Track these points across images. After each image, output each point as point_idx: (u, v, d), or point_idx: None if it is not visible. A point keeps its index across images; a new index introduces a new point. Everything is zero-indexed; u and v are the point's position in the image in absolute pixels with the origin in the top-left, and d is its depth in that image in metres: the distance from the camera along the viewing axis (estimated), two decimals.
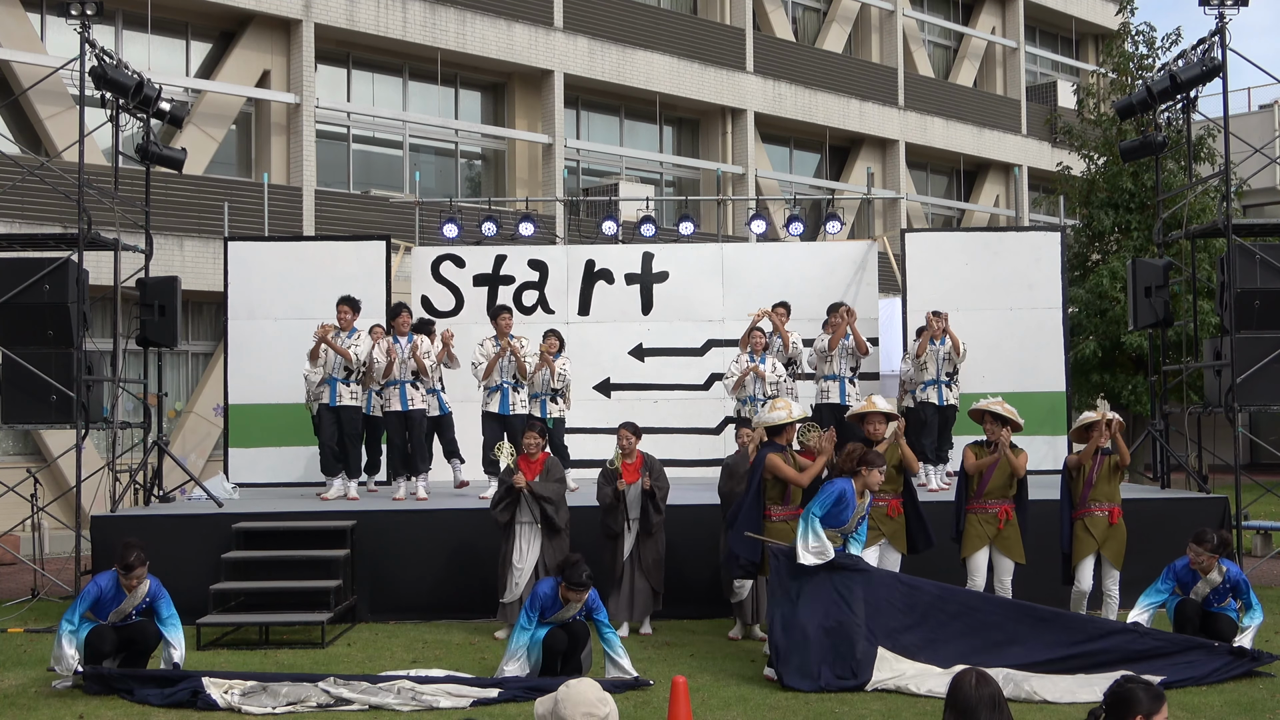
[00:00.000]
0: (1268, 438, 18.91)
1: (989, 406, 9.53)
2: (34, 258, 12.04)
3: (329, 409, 12.12)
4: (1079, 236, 21.70)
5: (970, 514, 9.42)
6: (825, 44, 28.51)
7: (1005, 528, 9.36)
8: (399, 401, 12.09)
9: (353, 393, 12.17)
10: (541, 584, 8.58)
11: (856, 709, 7.63)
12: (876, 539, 9.12)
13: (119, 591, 8.38)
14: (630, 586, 9.92)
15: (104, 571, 8.63)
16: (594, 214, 20.23)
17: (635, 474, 9.93)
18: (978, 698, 3.86)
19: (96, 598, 8.35)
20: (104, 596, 8.36)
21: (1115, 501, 9.51)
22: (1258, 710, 7.60)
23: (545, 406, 12.25)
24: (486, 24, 22.15)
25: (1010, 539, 9.37)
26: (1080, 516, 9.52)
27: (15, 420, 11.91)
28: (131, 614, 8.47)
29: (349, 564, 10.67)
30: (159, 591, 8.54)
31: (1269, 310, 11.96)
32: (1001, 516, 9.35)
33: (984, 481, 9.36)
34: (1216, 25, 12.15)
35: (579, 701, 4.01)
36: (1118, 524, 9.48)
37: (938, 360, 12.28)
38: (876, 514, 9.11)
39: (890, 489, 9.18)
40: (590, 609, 8.42)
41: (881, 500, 9.14)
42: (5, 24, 17.76)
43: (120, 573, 8.33)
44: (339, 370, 12.08)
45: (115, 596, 8.38)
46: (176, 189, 18.24)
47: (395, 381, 12.09)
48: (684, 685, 6.49)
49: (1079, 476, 9.55)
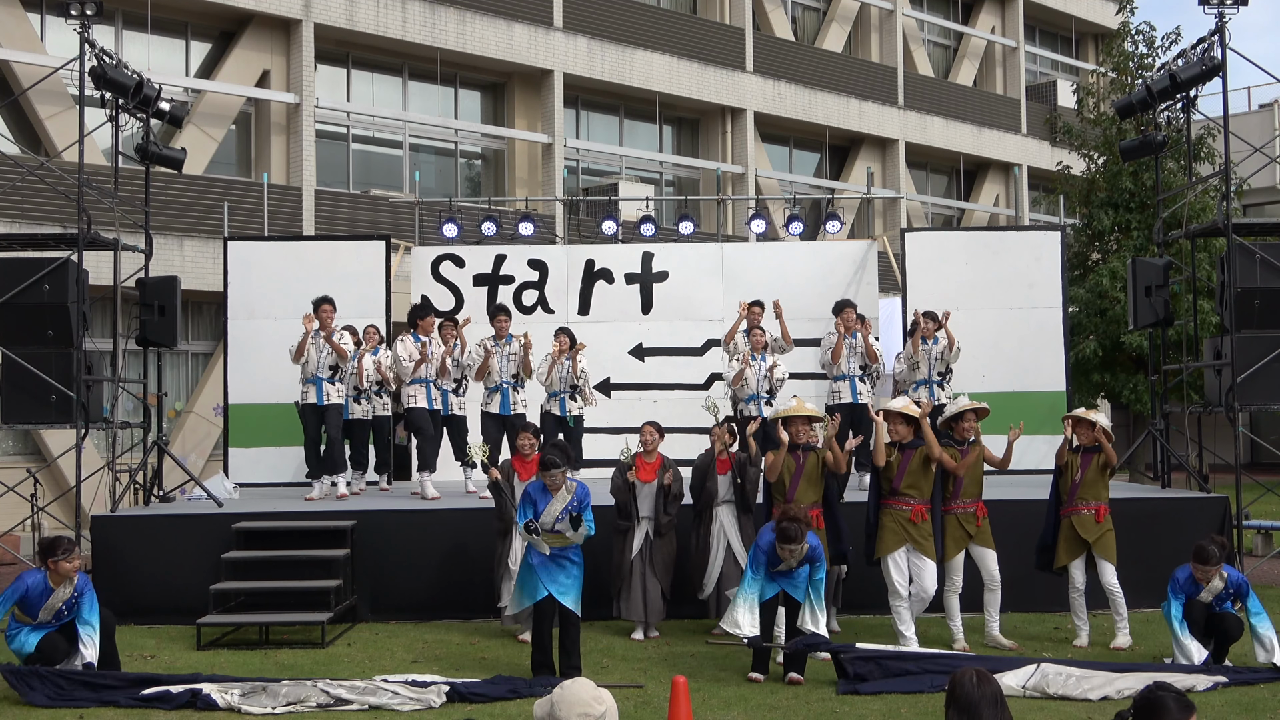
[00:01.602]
0: (1268, 437, 18.91)
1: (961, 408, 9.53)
2: (34, 258, 12.03)
3: (314, 408, 12.13)
4: (1079, 236, 21.71)
5: (947, 515, 9.39)
6: (825, 44, 28.50)
7: (982, 524, 9.40)
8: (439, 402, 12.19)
9: (339, 392, 12.23)
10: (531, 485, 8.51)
11: (857, 709, 7.63)
12: (900, 543, 9.10)
13: (47, 586, 8.26)
14: (643, 587, 9.85)
15: (30, 570, 8.53)
16: (594, 214, 20.22)
17: (652, 473, 9.90)
18: (980, 695, 3.86)
19: (23, 594, 8.21)
20: (31, 593, 8.22)
21: (1103, 500, 9.54)
22: (1258, 710, 7.60)
23: (565, 404, 12.31)
24: (486, 24, 22.15)
25: (985, 532, 9.43)
26: (1068, 515, 9.56)
27: (15, 420, 11.90)
28: (62, 609, 8.32)
29: (349, 564, 10.66)
30: (86, 586, 8.43)
31: (1269, 310, 11.95)
32: (980, 514, 9.39)
33: (958, 483, 9.36)
34: (1216, 25, 12.14)
35: (574, 702, 4.01)
36: (1104, 522, 9.49)
37: (929, 360, 12.28)
38: (899, 518, 9.11)
39: (916, 493, 9.16)
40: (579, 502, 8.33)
41: (905, 505, 9.14)
42: (5, 24, 17.76)
43: (50, 565, 8.23)
44: (324, 369, 12.11)
45: (44, 592, 8.25)
46: (176, 189, 18.23)
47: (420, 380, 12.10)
48: (684, 685, 6.48)
49: (1067, 473, 9.58)
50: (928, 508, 9.17)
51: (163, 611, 10.52)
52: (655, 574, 9.87)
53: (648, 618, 9.86)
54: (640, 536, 9.90)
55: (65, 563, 8.24)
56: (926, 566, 9.11)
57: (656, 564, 9.88)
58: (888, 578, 9.10)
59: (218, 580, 10.34)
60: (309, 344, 12.02)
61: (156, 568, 10.70)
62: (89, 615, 8.41)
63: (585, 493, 8.43)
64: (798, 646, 8.35)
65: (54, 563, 8.23)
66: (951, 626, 9.39)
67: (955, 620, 9.38)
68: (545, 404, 12.39)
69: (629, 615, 9.84)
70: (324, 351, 12.06)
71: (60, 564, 8.23)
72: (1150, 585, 9.82)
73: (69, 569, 8.26)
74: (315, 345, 12.04)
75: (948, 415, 9.64)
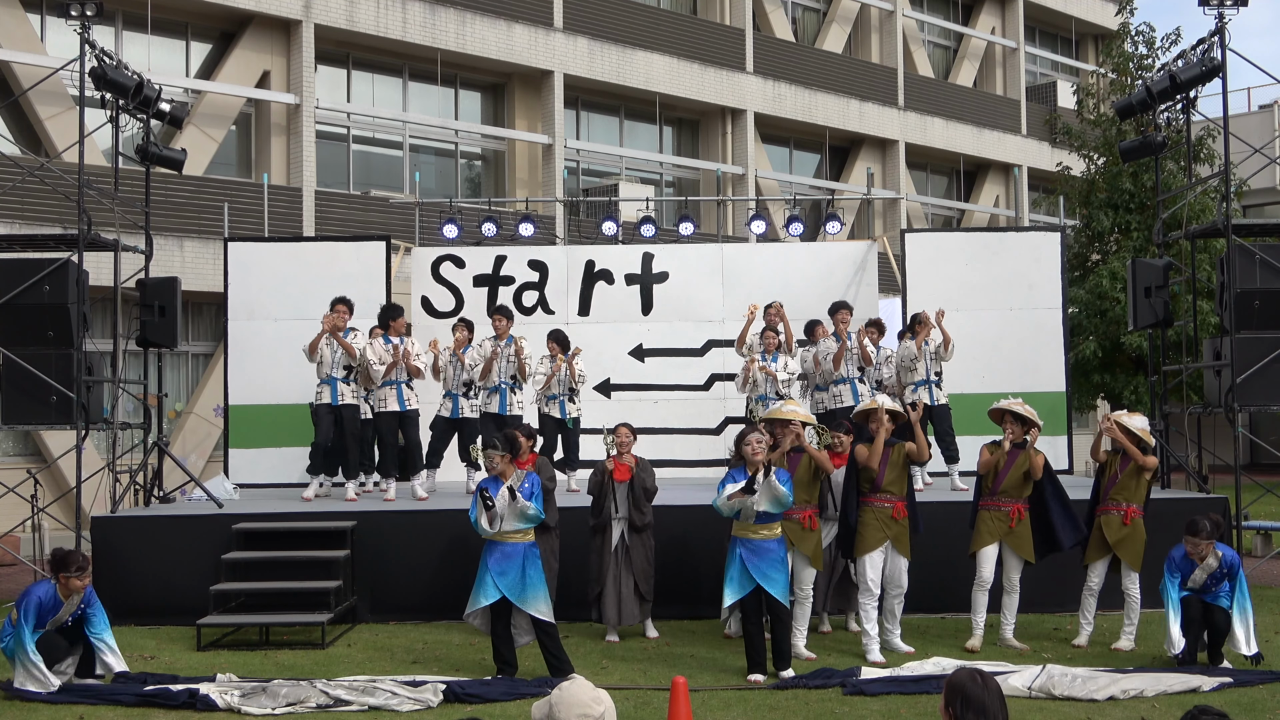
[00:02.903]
0: (1268, 438, 18.91)
1: (1009, 406, 9.57)
2: (34, 258, 12.04)
3: (329, 408, 12.11)
4: (1079, 237, 21.72)
5: (983, 510, 9.47)
6: (825, 44, 28.51)
7: (1017, 526, 9.38)
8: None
9: (354, 392, 12.17)
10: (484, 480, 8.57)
11: (857, 709, 7.63)
12: (880, 541, 9.13)
13: (57, 599, 8.25)
14: (617, 589, 9.79)
15: (38, 582, 8.51)
16: (594, 214, 20.23)
17: (628, 473, 9.88)
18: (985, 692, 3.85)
19: (39, 610, 8.18)
20: (42, 607, 8.20)
21: (1135, 502, 9.53)
22: (1258, 710, 7.60)
23: (564, 407, 12.36)
24: (486, 24, 22.15)
25: (1021, 537, 9.41)
26: (1100, 514, 9.60)
27: (15, 421, 11.90)
28: (67, 621, 8.34)
29: (349, 564, 10.66)
30: (92, 599, 8.44)
31: (1269, 310, 11.95)
32: (1014, 515, 9.37)
33: (999, 479, 9.39)
34: (1216, 25, 12.15)
35: (573, 703, 4.01)
36: (1132, 524, 9.48)
37: (926, 360, 12.29)
38: (881, 516, 9.13)
39: (895, 491, 9.20)
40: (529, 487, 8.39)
41: (886, 502, 9.17)
42: (5, 24, 17.77)
43: (61, 579, 8.22)
44: (338, 369, 12.08)
45: (54, 605, 8.25)
46: (176, 190, 18.24)
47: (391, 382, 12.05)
48: (684, 685, 6.48)
49: (1106, 472, 9.64)
50: (905, 504, 9.25)
51: (163, 612, 10.52)
52: (632, 573, 9.81)
53: (621, 620, 9.81)
54: (615, 536, 9.87)
55: (77, 580, 8.24)
56: (903, 564, 9.23)
57: (634, 563, 9.84)
58: (862, 576, 9.14)
59: (218, 581, 10.33)
60: (323, 343, 12.02)
61: (157, 568, 10.70)
62: (102, 630, 8.43)
63: (535, 481, 8.51)
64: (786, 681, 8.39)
65: (65, 578, 8.22)
66: (974, 621, 9.43)
67: (979, 616, 9.42)
68: (545, 406, 12.40)
69: (604, 615, 9.80)
70: (338, 350, 12.05)
71: (72, 580, 8.23)
72: (1150, 585, 9.81)
73: (80, 586, 8.27)
74: (329, 345, 12.04)
75: (860, 410, 9.70)
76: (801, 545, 9.08)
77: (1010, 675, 8.11)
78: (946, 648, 9.36)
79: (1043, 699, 7.86)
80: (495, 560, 8.43)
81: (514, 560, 8.42)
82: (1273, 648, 9.31)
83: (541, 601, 8.46)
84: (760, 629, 8.55)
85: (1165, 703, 7.75)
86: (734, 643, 9.62)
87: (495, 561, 8.43)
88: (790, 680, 8.28)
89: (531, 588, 8.44)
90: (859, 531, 9.21)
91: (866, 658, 8.91)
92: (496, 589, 8.39)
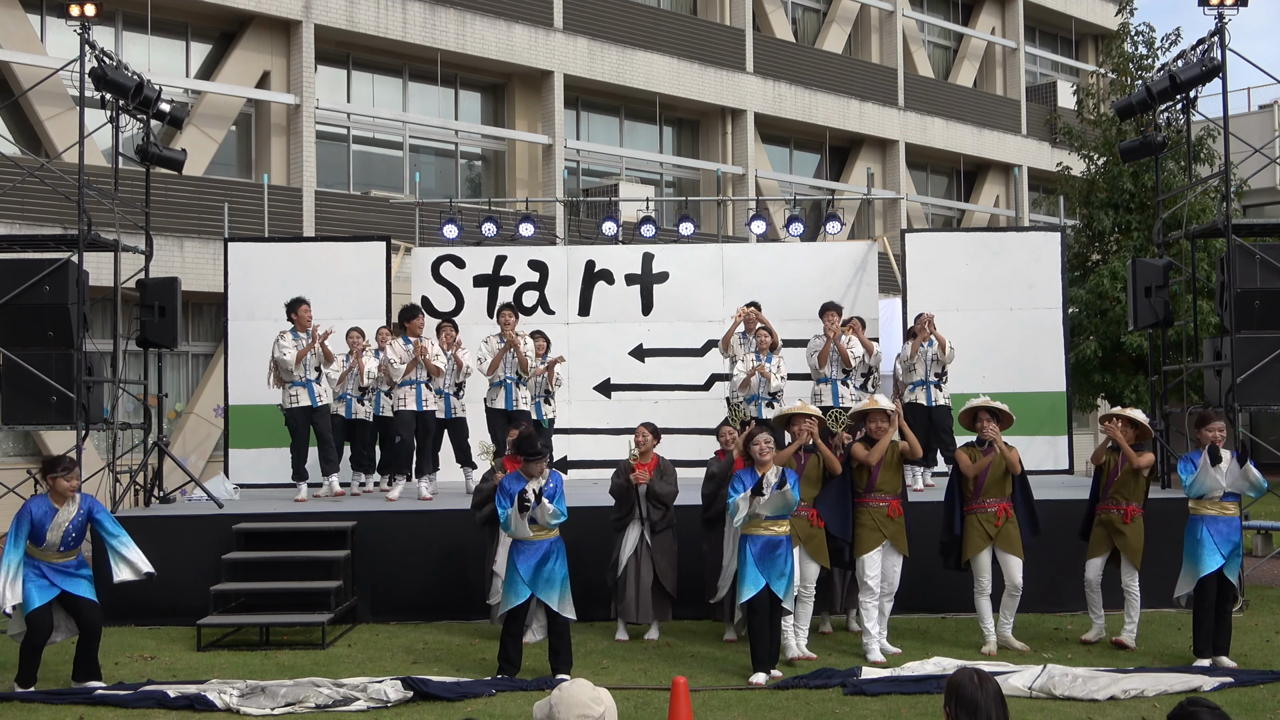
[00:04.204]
0: (1268, 438, 18.90)
1: (980, 404, 9.55)
2: (34, 259, 12.02)
3: (306, 411, 12.19)
4: (1079, 237, 21.69)
5: (969, 515, 9.42)
6: (825, 44, 28.51)
7: (1004, 525, 9.37)
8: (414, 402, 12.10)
9: (328, 392, 12.41)
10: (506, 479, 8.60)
11: (857, 709, 7.63)
12: (878, 541, 9.12)
13: (50, 506, 8.28)
14: (636, 588, 9.83)
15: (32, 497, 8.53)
16: (594, 214, 20.23)
17: (648, 474, 9.90)
18: (984, 694, 3.86)
19: (30, 520, 8.20)
20: (35, 516, 8.21)
21: (1134, 500, 9.55)
22: (1258, 710, 7.60)
23: (540, 408, 12.59)
24: (486, 25, 22.16)
25: (1010, 535, 9.39)
26: (1099, 512, 9.63)
27: (15, 421, 11.89)
28: (70, 531, 8.29)
29: (349, 565, 10.66)
30: (93, 505, 8.45)
31: (1269, 310, 11.94)
32: (1000, 514, 9.36)
33: (980, 481, 9.38)
34: (1216, 25, 12.13)
35: (573, 703, 4.00)
36: (1132, 523, 9.48)
37: (925, 361, 12.28)
38: (877, 515, 9.12)
39: (889, 490, 9.19)
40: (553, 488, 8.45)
41: (881, 501, 9.16)
42: (5, 25, 17.77)
43: (50, 480, 8.25)
44: (311, 371, 12.17)
45: (48, 512, 8.26)
46: (176, 190, 18.24)
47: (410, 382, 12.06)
48: (684, 685, 6.48)
49: (1105, 471, 9.65)
50: (900, 502, 9.24)
51: (163, 612, 10.52)
52: (655, 573, 9.84)
53: (638, 618, 9.84)
54: (635, 536, 9.89)
55: (64, 480, 8.27)
56: (899, 563, 9.22)
57: (658, 563, 9.86)
58: (861, 576, 9.13)
59: (218, 581, 10.33)
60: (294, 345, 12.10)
61: (157, 568, 10.60)
62: (114, 528, 8.50)
63: (558, 480, 8.60)
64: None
65: (53, 479, 8.27)
66: (984, 629, 9.40)
67: (986, 622, 9.40)
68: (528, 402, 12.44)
69: (621, 615, 9.82)
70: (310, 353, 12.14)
71: (59, 481, 8.26)
72: (1150, 585, 9.81)
73: (68, 487, 8.28)
74: (298, 347, 12.10)
75: (855, 410, 9.68)
76: (807, 543, 9.09)
77: (1011, 675, 8.11)
78: (947, 648, 9.36)
79: (1043, 699, 7.86)
80: (524, 559, 8.48)
81: (544, 558, 8.50)
82: (1273, 648, 9.31)
83: (568, 598, 8.57)
84: (767, 626, 8.55)
85: (1166, 703, 7.74)
86: (734, 643, 9.63)
87: (524, 560, 8.47)
88: (790, 680, 8.28)
89: (562, 584, 8.55)
90: (857, 533, 9.20)
91: (867, 658, 8.91)
92: (527, 588, 8.45)
